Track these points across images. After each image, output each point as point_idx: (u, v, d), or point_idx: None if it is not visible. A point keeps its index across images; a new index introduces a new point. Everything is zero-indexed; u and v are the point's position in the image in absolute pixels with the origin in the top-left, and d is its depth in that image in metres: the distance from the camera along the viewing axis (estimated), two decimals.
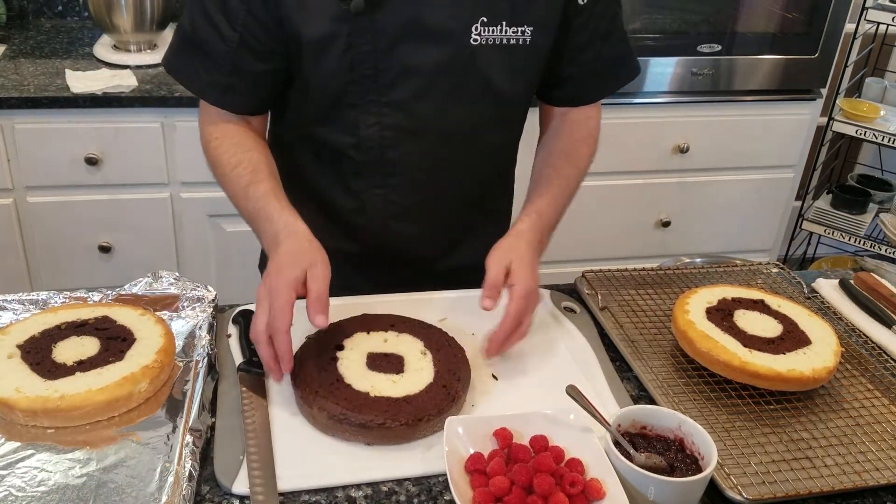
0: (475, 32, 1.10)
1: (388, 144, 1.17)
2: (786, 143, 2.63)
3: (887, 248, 2.72)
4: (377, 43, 1.08)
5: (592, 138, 1.29)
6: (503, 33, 1.11)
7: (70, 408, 0.91)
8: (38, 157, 2.03)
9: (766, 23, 2.48)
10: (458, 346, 1.06)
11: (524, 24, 1.12)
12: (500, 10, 1.10)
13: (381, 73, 1.10)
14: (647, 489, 0.85)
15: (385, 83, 1.11)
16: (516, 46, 1.13)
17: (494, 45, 1.11)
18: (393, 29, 1.07)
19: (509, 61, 1.14)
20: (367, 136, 1.16)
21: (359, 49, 1.08)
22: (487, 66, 1.13)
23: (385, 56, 1.09)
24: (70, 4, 2.48)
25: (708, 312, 1.15)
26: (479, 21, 1.09)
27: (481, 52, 1.11)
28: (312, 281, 0.97)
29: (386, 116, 1.14)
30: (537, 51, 1.15)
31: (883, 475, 0.94)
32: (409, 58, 1.10)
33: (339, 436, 0.94)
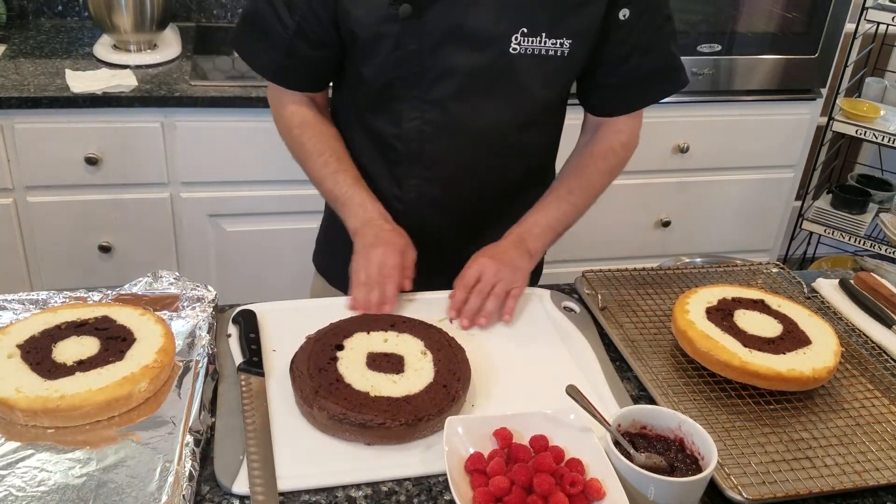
0: (514, 42, 1.15)
1: (426, 139, 1.24)
2: (786, 143, 2.63)
3: (887, 248, 2.72)
4: (423, 44, 1.15)
5: (612, 152, 1.32)
6: (542, 44, 1.16)
7: (70, 408, 0.91)
8: (38, 157, 2.03)
9: (766, 23, 2.48)
10: (458, 346, 1.06)
11: (563, 37, 1.17)
12: (540, 22, 1.15)
13: (425, 72, 1.18)
14: (647, 489, 0.85)
15: (427, 81, 1.19)
16: (553, 57, 1.18)
17: (532, 55, 1.17)
18: (438, 32, 1.15)
19: (545, 70, 1.19)
20: (409, 129, 1.23)
21: (406, 49, 1.16)
22: (523, 73, 1.18)
23: (429, 56, 1.16)
24: (70, 4, 2.48)
25: (708, 312, 1.15)
26: (519, 31, 1.15)
27: (519, 60, 1.17)
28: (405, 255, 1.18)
29: (427, 112, 1.21)
30: (573, 61, 1.20)
31: (883, 475, 0.94)
32: (450, 60, 1.16)
33: (339, 436, 0.94)
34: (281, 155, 2.15)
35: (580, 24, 1.17)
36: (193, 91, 2.05)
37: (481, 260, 1.20)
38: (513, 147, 1.28)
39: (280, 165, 2.18)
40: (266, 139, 2.13)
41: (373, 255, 1.16)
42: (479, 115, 1.22)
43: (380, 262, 1.15)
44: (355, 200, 1.23)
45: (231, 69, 2.26)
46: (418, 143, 1.24)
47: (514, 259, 1.22)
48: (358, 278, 1.16)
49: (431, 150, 1.25)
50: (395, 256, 1.16)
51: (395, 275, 1.15)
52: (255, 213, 2.24)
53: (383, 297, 1.14)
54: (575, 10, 1.16)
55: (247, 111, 2.08)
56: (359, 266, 1.17)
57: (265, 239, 2.28)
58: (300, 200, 2.24)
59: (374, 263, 1.15)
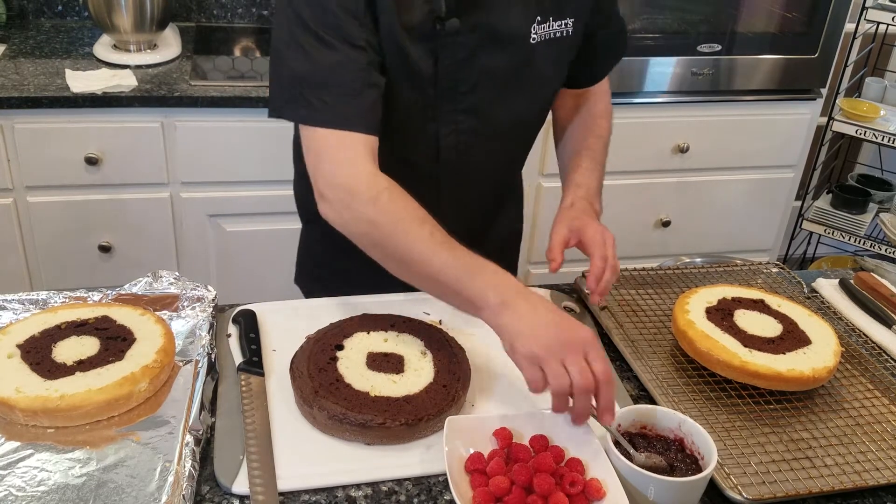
0: (533, 32, 1.15)
1: (463, 149, 1.20)
2: (786, 143, 2.63)
3: (887, 248, 2.72)
4: (458, 55, 1.11)
5: (608, 112, 1.36)
6: (551, 28, 1.16)
7: (70, 408, 0.91)
8: (38, 157, 2.03)
9: (766, 23, 2.48)
10: (458, 346, 1.06)
11: (566, 17, 1.17)
12: (546, 7, 1.15)
13: (459, 83, 1.14)
14: (647, 489, 0.85)
15: (462, 91, 1.15)
16: (561, 38, 1.18)
17: (546, 41, 1.17)
18: (472, 40, 1.11)
19: (556, 53, 1.19)
20: (447, 146, 1.19)
21: (442, 64, 1.11)
22: (541, 61, 1.18)
23: (464, 66, 1.12)
24: (70, 4, 2.48)
25: (708, 312, 1.15)
26: (535, 20, 1.14)
27: (538, 49, 1.16)
28: (597, 361, 0.92)
29: (462, 123, 1.18)
30: (576, 39, 1.21)
31: (883, 475, 0.94)
32: (484, 64, 1.13)
33: (339, 436, 0.94)
34: (281, 155, 2.16)
35: (578, 2, 1.19)
36: (193, 91, 2.05)
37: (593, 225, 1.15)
38: (532, 136, 1.31)
39: (280, 165, 2.18)
40: (266, 139, 2.14)
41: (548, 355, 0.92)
42: (510, 114, 1.21)
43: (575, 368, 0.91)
44: (489, 268, 0.98)
45: (231, 69, 2.26)
46: (457, 156, 1.20)
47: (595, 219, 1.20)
48: (562, 384, 0.91)
49: (469, 159, 1.22)
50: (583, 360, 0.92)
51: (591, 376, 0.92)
52: (255, 213, 2.24)
53: (607, 404, 0.92)
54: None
55: (247, 111, 2.08)
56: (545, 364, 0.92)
57: (265, 239, 2.28)
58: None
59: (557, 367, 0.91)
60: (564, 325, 0.93)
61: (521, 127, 1.27)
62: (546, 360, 0.90)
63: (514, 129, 1.25)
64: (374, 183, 1.02)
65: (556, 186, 1.65)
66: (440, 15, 1.07)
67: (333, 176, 1.04)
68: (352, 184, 1.02)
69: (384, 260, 1.03)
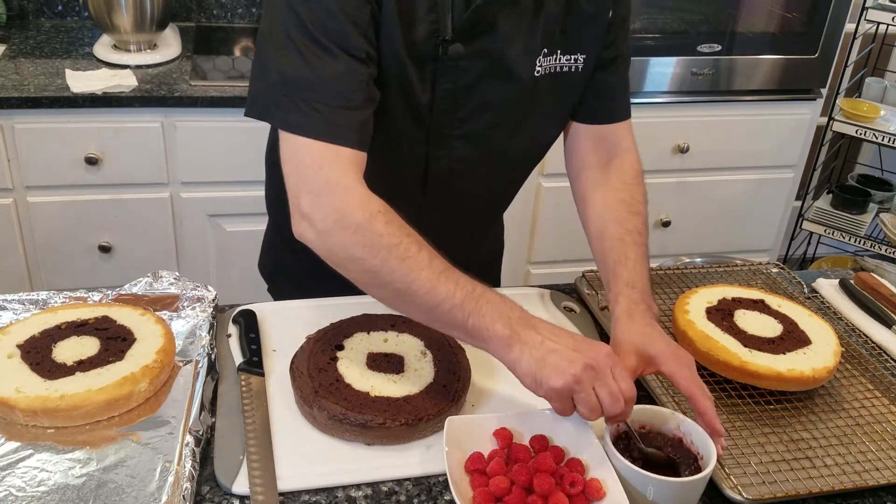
0: (538, 64, 1.10)
1: (455, 177, 1.16)
2: (786, 143, 2.63)
3: (887, 248, 2.72)
4: (459, 81, 1.07)
5: (640, 174, 1.26)
6: (558, 62, 1.12)
7: (70, 408, 0.91)
8: (38, 157, 2.03)
9: (766, 23, 2.48)
10: (458, 346, 1.06)
11: (577, 52, 1.13)
12: (556, 40, 1.10)
13: (458, 109, 1.09)
14: (647, 489, 0.85)
15: (460, 118, 1.10)
16: (568, 73, 1.14)
17: (551, 74, 1.12)
18: (477, 68, 1.07)
19: (561, 87, 1.15)
20: (436, 170, 1.15)
21: (441, 88, 1.07)
22: (545, 95, 1.14)
23: (464, 92, 1.08)
24: (70, 4, 2.48)
25: (708, 312, 1.16)
26: (541, 53, 1.10)
27: (541, 82, 1.12)
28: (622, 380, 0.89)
29: (455, 149, 1.13)
30: (585, 74, 1.16)
31: (883, 475, 0.94)
32: (486, 93, 1.09)
33: (339, 436, 0.94)
34: None
35: (591, 36, 1.14)
36: (193, 91, 2.05)
37: (667, 351, 0.98)
38: (527, 171, 1.27)
39: None
40: (266, 139, 2.13)
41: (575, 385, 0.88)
42: (506, 145, 1.16)
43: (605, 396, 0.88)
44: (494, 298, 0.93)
45: (231, 69, 2.26)
46: (446, 181, 1.16)
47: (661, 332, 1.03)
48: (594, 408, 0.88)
49: (460, 186, 1.18)
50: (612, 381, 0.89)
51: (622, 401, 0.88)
52: (255, 213, 2.23)
53: None
54: (586, 24, 1.12)
55: None
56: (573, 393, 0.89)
57: None
58: None
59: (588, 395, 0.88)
60: (584, 350, 0.88)
61: (516, 160, 1.22)
62: (577, 391, 0.87)
63: (508, 162, 1.21)
64: (369, 204, 0.94)
65: (557, 186, 1.66)
66: (445, 38, 1.02)
67: (323, 194, 0.94)
68: (344, 206, 0.93)
69: (375, 289, 0.95)
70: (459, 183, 1.17)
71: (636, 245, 1.14)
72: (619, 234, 1.15)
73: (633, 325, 1.01)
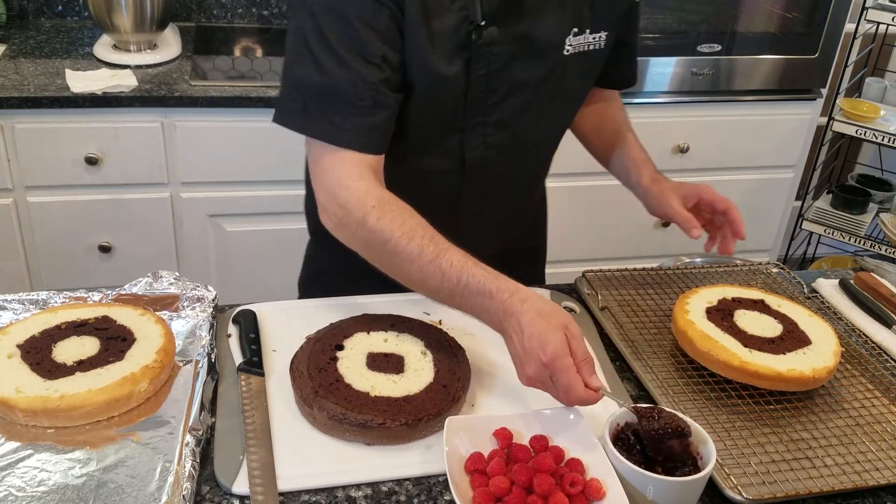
0: (567, 43, 1.13)
1: (490, 163, 1.18)
2: (786, 143, 2.63)
3: (887, 248, 2.72)
4: (492, 65, 1.08)
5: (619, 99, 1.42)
6: (586, 41, 1.15)
7: (70, 408, 0.91)
8: (38, 157, 2.03)
9: (766, 23, 2.48)
10: (458, 346, 1.06)
11: (601, 30, 1.16)
12: (584, 19, 1.13)
13: (490, 94, 1.11)
14: (647, 489, 0.85)
15: (493, 103, 1.12)
16: (593, 52, 1.18)
17: (579, 53, 1.15)
18: (507, 49, 1.08)
19: (587, 65, 1.19)
20: (472, 158, 1.16)
21: (475, 74, 1.08)
22: (573, 73, 1.17)
23: (497, 76, 1.09)
24: (70, 4, 2.48)
25: (708, 312, 1.15)
26: (571, 32, 1.12)
27: (570, 61, 1.15)
28: (574, 341, 0.92)
29: (490, 136, 1.15)
30: (606, 52, 1.20)
31: (883, 475, 0.94)
32: (517, 75, 1.11)
33: (339, 436, 0.94)
34: (281, 155, 2.17)
35: (615, 14, 1.18)
36: (193, 91, 2.05)
37: (698, 186, 1.24)
38: (554, 148, 1.30)
39: (280, 165, 2.18)
40: (266, 139, 2.14)
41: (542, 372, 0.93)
42: (539, 126, 1.19)
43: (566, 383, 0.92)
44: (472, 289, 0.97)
45: (231, 69, 2.26)
46: (482, 169, 1.18)
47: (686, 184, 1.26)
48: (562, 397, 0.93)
49: (494, 174, 1.20)
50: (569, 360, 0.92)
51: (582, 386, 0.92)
52: (255, 213, 2.24)
53: None
54: (612, 3, 1.17)
55: (247, 111, 2.08)
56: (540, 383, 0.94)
57: (265, 239, 2.28)
58: (300, 200, 2.24)
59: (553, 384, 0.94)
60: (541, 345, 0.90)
61: (547, 140, 1.26)
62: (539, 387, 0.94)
63: (540, 143, 1.25)
64: (364, 201, 1.00)
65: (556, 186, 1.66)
66: (476, 22, 1.04)
67: (331, 192, 1.03)
68: (344, 204, 1.01)
69: (388, 274, 1.03)
70: (494, 170, 1.20)
71: (630, 133, 1.35)
72: (613, 126, 1.35)
73: (665, 184, 1.25)
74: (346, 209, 1.01)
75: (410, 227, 0.99)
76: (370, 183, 1.02)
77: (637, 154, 1.32)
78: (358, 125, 1.03)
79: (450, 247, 0.99)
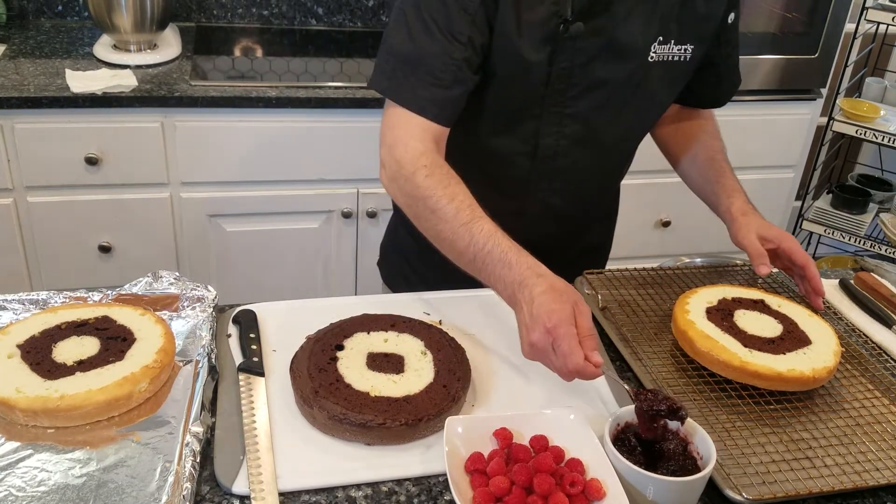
0: (652, 51, 1.18)
1: (561, 153, 1.23)
2: (786, 143, 2.63)
3: (887, 248, 2.72)
4: (575, 59, 1.14)
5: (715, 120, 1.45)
6: (670, 51, 1.20)
7: (70, 408, 0.91)
8: (38, 157, 2.03)
9: (766, 23, 2.48)
10: (458, 346, 1.06)
11: (687, 43, 1.21)
12: (671, 30, 1.18)
13: (570, 88, 1.17)
14: (647, 489, 0.85)
15: (572, 96, 1.18)
16: (678, 63, 1.22)
17: (663, 62, 1.20)
18: (592, 47, 1.14)
19: (670, 75, 1.23)
20: (545, 145, 1.22)
21: (558, 66, 1.14)
22: (654, 81, 1.22)
23: (579, 71, 1.15)
24: (70, 4, 2.48)
25: (708, 312, 1.15)
26: (656, 40, 1.18)
27: (653, 68, 1.20)
28: (581, 316, 0.96)
29: (566, 127, 1.20)
30: (692, 65, 1.25)
31: (883, 475, 0.94)
32: (597, 73, 1.16)
33: (339, 436, 0.94)
34: (281, 155, 2.17)
35: (704, 30, 1.22)
36: (193, 91, 2.05)
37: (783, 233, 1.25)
38: (631, 152, 1.35)
39: (280, 165, 2.19)
40: (266, 139, 2.14)
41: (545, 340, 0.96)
42: (614, 126, 1.23)
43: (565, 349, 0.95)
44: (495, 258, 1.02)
45: (231, 69, 2.26)
46: (552, 158, 1.23)
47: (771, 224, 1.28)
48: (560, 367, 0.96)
49: (564, 164, 1.24)
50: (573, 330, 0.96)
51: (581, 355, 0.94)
52: (255, 213, 2.24)
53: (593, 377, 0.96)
54: (701, 18, 1.21)
55: (247, 111, 2.09)
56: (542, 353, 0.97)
57: (265, 239, 2.28)
58: (300, 200, 2.25)
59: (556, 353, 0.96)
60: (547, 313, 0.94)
61: (622, 141, 1.30)
62: (541, 358, 0.97)
63: (615, 142, 1.27)
64: (418, 160, 1.09)
65: None
66: (565, 17, 1.10)
67: (391, 148, 1.12)
68: (400, 157, 1.10)
69: (423, 233, 1.10)
70: (564, 161, 1.24)
71: (725, 161, 1.36)
72: (708, 154, 1.36)
73: (752, 218, 1.26)
74: (400, 164, 1.09)
75: (453, 190, 1.06)
76: (429, 147, 1.11)
77: (729, 182, 1.33)
78: (435, 96, 1.11)
79: (485, 216, 1.05)
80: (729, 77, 1.38)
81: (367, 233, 2.34)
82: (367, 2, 2.64)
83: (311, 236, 2.31)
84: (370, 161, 2.22)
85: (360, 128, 2.17)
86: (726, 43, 1.31)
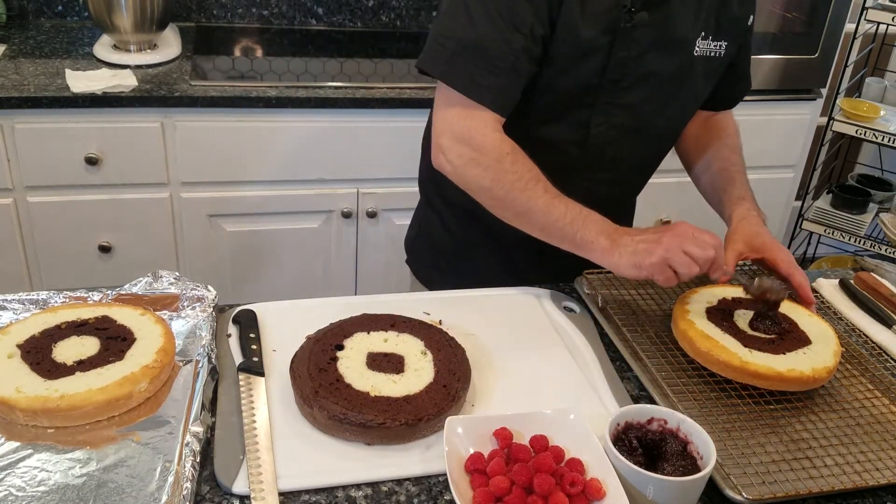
0: (697, 45, 1.23)
1: (609, 142, 1.26)
2: (786, 143, 2.62)
3: (887, 248, 2.72)
4: (630, 51, 1.17)
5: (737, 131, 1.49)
6: (710, 46, 1.24)
7: (70, 408, 0.91)
8: (38, 157, 2.03)
9: (766, 23, 2.48)
10: (458, 346, 1.06)
11: (722, 40, 1.26)
12: (711, 25, 1.23)
13: (623, 78, 1.19)
14: (647, 489, 0.85)
15: (624, 86, 1.20)
16: (714, 58, 1.27)
17: (704, 57, 1.25)
18: (648, 38, 1.17)
19: (709, 70, 1.28)
20: (595, 135, 1.24)
21: (615, 56, 1.17)
22: (697, 74, 1.26)
23: (634, 62, 1.18)
24: (70, 4, 2.48)
25: (708, 312, 1.16)
26: (700, 35, 1.22)
27: (697, 62, 1.24)
28: (702, 233, 1.11)
29: (615, 117, 1.23)
30: (725, 61, 1.29)
31: (883, 475, 0.94)
32: (650, 65, 1.20)
33: (339, 436, 0.94)
34: (281, 155, 2.17)
35: (736, 27, 1.26)
36: (193, 91, 2.05)
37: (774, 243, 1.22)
38: (671, 143, 1.39)
39: (280, 165, 2.19)
40: (266, 139, 2.14)
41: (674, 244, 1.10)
42: (661, 117, 1.27)
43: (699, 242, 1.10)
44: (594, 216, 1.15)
45: (231, 69, 2.26)
46: (601, 146, 1.26)
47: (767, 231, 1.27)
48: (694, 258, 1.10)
49: (611, 153, 1.27)
50: None
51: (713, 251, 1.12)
52: (255, 213, 2.24)
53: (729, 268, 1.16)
54: (732, 21, 1.25)
55: (247, 111, 2.09)
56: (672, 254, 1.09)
57: (265, 239, 2.28)
58: (300, 200, 2.25)
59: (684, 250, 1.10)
60: (664, 230, 1.10)
61: (666, 132, 1.33)
62: (670, 258, 1.08)
63: (659, 133, 1.31)
64: (501, 147, 1.14)
65: None
66: (628, 7, 1.13)
67: (462, 136, 1.14)
68: (481, 143, 1.14)
69: (501, 210, 1.17)
70: (611, 150, 1.27)
71: (739, 173, 1.37)
72: (723, 165, 1.38)
73: (746, 225, 1.24)
74: (483, 151, 1.14)
75: (537, 173, 1.15)
76: (503, 135, 1.15)
77: (736, 191, 1.33)
78: (494, 85, 1.13)
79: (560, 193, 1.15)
80: (745, 78, 1.43)
81: (367, 233, 2.34)
82: (367, 2, 2.64)
83: (311, 236, 2.31)
84: (370, 161, 2.23)
85: (361, 128, 2.17)
86: (745, 45, 1.35)
